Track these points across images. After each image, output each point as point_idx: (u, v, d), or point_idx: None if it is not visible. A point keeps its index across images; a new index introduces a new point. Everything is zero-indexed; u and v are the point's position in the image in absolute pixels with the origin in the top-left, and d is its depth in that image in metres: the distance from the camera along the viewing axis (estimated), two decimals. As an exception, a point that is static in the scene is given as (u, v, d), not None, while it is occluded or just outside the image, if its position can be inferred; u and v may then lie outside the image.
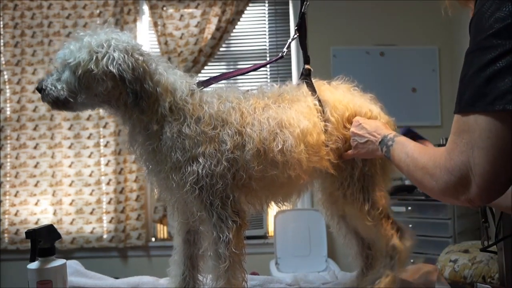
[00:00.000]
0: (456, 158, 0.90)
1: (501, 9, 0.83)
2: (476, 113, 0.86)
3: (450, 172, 0.91)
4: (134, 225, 3.85)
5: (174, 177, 1.23)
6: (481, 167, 0.86)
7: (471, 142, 0.87)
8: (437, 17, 3.95)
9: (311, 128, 1.32)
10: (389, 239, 1.41)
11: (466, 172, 0.89)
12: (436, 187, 0.96)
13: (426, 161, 1.01)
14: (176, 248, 1.46)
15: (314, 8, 3.85)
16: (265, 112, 1.30)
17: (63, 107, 1.27)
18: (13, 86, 3.88)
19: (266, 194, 1.35)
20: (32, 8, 3.88)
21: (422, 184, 1.02)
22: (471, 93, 0.87)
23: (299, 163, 1.30)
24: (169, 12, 3.89)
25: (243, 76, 3.96)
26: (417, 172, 1.05)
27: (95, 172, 3.85)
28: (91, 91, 1.23)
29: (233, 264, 1.25)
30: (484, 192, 0.88)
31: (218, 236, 1.24)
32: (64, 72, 1.24)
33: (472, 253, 2.70)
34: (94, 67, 1.20)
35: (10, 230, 3.84)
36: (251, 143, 1.25)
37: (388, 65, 3.92)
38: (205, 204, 1.24)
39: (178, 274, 1.44)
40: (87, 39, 1.23)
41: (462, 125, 0.89)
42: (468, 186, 0.89)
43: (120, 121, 1.32)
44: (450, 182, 0.92)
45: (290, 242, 3.59)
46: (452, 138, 0.92)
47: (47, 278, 1.20)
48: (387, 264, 1.40)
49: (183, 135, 1.23)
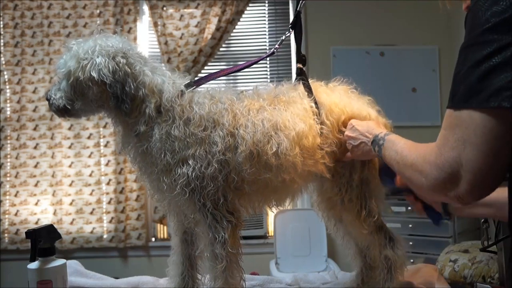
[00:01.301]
0: (446, 153, 0.89)
1: (499, 2, 0.81)
2: (470, 109, 0.84)
3: (440, 168, 0.90)
4: (134, 225, 3.85)
5: (165, 179, 1.23)
6: (473, 164, 0.85)
7: (463, 137, 0.86)
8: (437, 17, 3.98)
9: (306, 131, 1.31)
10: (382, 248, 1.41)
11: (457, 168, 0.87)
12: (426, 183, 0.94)
13: (415, 158, 1.00)
14: (174, 248, 1.46)
15: (314, 8, 3.89)
16: (259, 114, 1.29)
17: (67, 115, 1.31)
18: (13, 86, 3.87)
19: (259, 198, 1.34)
20: (32, 8, 3.88)
21: (412, 181, 1.01)
22: (466, 88, 0.85)
23: (294, 166, 1.29)
24: (169, 12, 3.89)
25: (242, 76, 4.01)
26: (407, 170, 1.04)
27: (95, 172, 3.85)
28: (86, 98, 1.26)
29: (230, 264, 1.25)
30: (474, 189, 0.87)
31: (213, 236, 1.24)
32: (62, 81, 1.29)
33: (472, 253, 2.70)
34: (80, 74, 1.24)
35: (10, 230, 3.84)
36: (244, 145, 1.24)
37: (388, 65, 3.92)
38: (198, 206, 1.24)
39: (177, 274, 1.45)
40: (75, 48, 1.28)
41: (455, 120, 0.88)
42: (458, 183, 0.87)
43: (114, 124, 1.34)
44: (440, 178, 0.90)
45: (290, 242, 3.59)
46: (443, 133, 0.91)
47: (47, 278, 1.20)
48: (384, 276, 1.41)
49: (172, 136, 1.23)
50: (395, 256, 1.41)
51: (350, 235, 1.53)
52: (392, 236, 1.44)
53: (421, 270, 1.67)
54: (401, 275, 1.42)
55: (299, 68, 1.46)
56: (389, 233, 1.44)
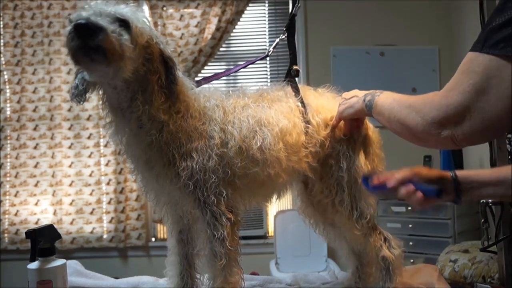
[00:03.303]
0: (455, 96, 0.88)
1: None
2: (504, 58, 0.82)
3: (442, 108, 0.90)
4: (134, 225, 3.85)
5: (169, 172, 1.21)
6: (485, 113, 0.84)
7: (481, 85, 0.84)
8: (437, 17, 3.98)
9: (290, 128, 1.32)
10: (379, 250, 1.41)
11: (462, 111, 0.87)
12: (421, 122, 0.95)
13: (415, 100, 1.01)
14: (171, 249, 1.46)
15: (314, 8, 3.89)
16: (244, 111, 1.31)
17: (118, 58, 1.14)
18: (13, 86, 3.87)
19: (248, 193, 1.35)
20: (32, 8, 3.88)
21: (405, 123, 1.02)
22: (506, 35, 0.82)
23: (278, 161, 1.30)
24: (169, 12, 3.89)
25: (243, 77, 4.01)
26: (402, 111, 1.04)
27: (95, 172, 3.85)
28: (146, 58, 1.21)
29: (229, 262, 1.25)
30: (474, 135, 0.88)
31: (212, 234, 1.24)
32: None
33: (472, 253, 2.70)
34: (154, 39, 1.21)
35: (10, 230, 3.84)
36: (233, 140, 1.26)
37: (388, 65, 3.92)
38: (199, 201, 1.24)
39: (175, 274, 1.45)
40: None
41: (477, 66, 0.85)
42: (458, 125, 0.88)
43: (123, 105, 1.21)
44: (438, 117, 0.91)
45: (290, 242, 3.59)
46: (457, 77, 0.90)
47: (47, 278, 1.20)
48: (383, 277, 1.41)
49: (182, 129, 1.22)
50: (392, 256, 1.41)
51: (343, 238, 1.54)
52: (386, 236, 1.44)
53: (421, 270, 1.67)
54: (400, 274, 1.42)
55: (296, 70, 1.47)
56: (383, 233, 1.44)
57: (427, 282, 1.54)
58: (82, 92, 1.21)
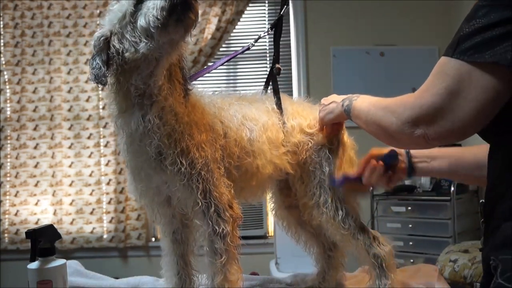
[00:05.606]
0: (429, 97, 0.94)
1: None
2: (473, 64, 0.88)
3: (415, 109, 0.95)
4: (134, 225, 3.85)
5: (183, 161, 1.20)
6: (457, 115, 0.90)
7: (453, 88, 0.90)
8: (437, 17, 3.98)
9: (270, 125, 1.39)
10: (369, 249, 1.42)
11: (434, 111, 0.92)
12: (395, 122, 1.00)
13: (390, 102, 1.06)
14: (166, 250, 1.46)
15: (314, 8, 3.89)
16: (231, 108, 1.38)
17: (151, 36, 1.14)
18: (13, 86, 3.88)
19: (241, 185, 1.37)
20: (32, 8, 3.88)
21: (380, 123, 1.07)
22: (475, 43, 0.88)
23: (263, 152, 1.36)
24: (169, 12, 3.89)
25: (242, 76, 4.00)
26: (378, 113, 1.09)
27: (95, 172, 3.85)
28: (171, 40, 1.20)
29: (230, 260, 1.25)
30: (445, 133, 0.93)
31: (213, 229, 1.24)
32: None
33: (472, 253, 2.70)
34: None
35: (10, 230, 3.84)
36: (231, 131, 1.32)
37: (388, 65, 3.92)
38: (204, 194, 1.23)
39: (173, 274, 1.45)
40: None
41: (449, 70, 0.91)
42: (431, 124, 0.93)
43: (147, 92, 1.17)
44: (412, 117, 0.96)
45: (290, 242, 3.57)
46: (430, 79, 0.96)
47: (47, 278, 1.20)
48: (378, 275, 1.42)
49: (194, 122, 1.24)
50: (383, 252, 1.42)
51: (314, 235, 1.61)
52: (375, 235, 1.46)
53: (421, 270, 1.67)
54: (393, 271, 1.42)
55: (278, 68, 1.56)
56: (371, 232, 1.46)
57: (427, 282, 1.54)
58: (106, 74, 1.16)
